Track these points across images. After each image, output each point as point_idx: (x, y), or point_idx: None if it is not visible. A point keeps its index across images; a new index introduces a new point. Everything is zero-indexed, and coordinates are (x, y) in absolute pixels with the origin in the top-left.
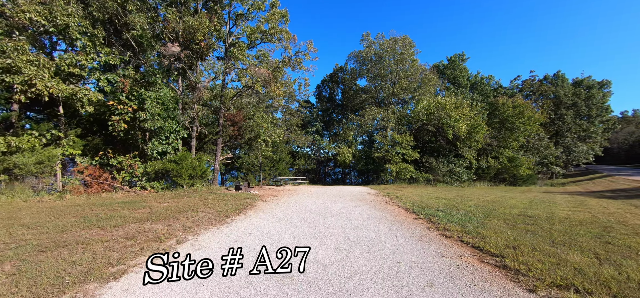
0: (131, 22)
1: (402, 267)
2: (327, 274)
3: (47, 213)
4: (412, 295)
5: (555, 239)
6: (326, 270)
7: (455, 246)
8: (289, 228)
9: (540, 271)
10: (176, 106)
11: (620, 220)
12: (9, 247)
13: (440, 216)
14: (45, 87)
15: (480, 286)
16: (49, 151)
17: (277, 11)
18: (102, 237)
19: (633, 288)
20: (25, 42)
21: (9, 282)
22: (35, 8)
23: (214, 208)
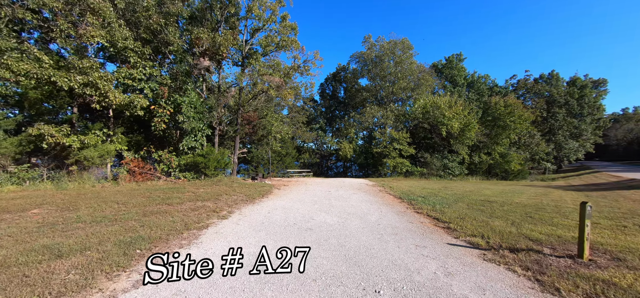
0: (170, 40)
1: (380, 226)
2: (333, 229)
3: (122, 195)
4: (383, 237)
5: (493, 214)
6: (333, 227)
7: (421, 217)
8: (304, 206)
9: (468, 229)
10: (205, 109)
11: (557, 205)
12: (121, 213)
13: (419, 200)
14: (114, 97)
15: (427, 235)
16: (107, 146)
17: (288, 24)
18: (175, 209)
19: (515, 234)
20: (98, 63)
21: (145, 228)
22: (100, 33)
23: (242, 193)
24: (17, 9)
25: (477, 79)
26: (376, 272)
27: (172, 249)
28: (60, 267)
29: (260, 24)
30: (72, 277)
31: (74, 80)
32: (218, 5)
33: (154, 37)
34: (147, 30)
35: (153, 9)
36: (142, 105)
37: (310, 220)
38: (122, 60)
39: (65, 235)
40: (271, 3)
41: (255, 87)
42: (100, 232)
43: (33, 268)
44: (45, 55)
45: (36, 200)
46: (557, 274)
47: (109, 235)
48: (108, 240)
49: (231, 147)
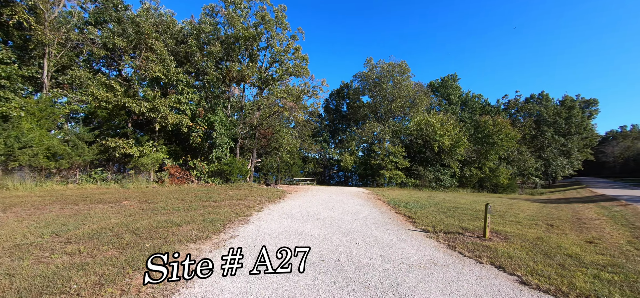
0: (208, 72)
1: (367, 219)
2: (335, 220)
3: (174, 193)
4: (367, 224)
5: (451, 215)
6: (334, 219)
7: (398, 215)
8: (313, 206)
9: (426, 222)
10: (230, 125)
11: (506, 211)
12: (186, 205)
13: (401, 205)
14: (171, 119)
15: (397, 224)
16: (156, 155)
17: (300, 56)
18: (221, 205)
19: (455, 225)
20: (159, 92)
21: (212, 214)
22: (159, 68)
23: (262, 195)
24: (95, 48)
25: (472, 97)
26: (358, 237)
27: (237, 226)
28: (183, 229)
29: (278, 58)
30: (194, 234)
31: (143, 106)
32: (244, 43)
33: (196, 70)
34: (192, 66)
35: (196, 49)
36: (186, 123)
37: (319, 214)
38: (171, 86)
39: (168, 216)
40: (287, 37)
41: (272, 108)
42: (186, 215)
43: (168, 231)
44: (119, 85)
45: (117, 195)
46: (461, 243)
47: (195, 217)
48: (196, 220)
49: (249, 157)
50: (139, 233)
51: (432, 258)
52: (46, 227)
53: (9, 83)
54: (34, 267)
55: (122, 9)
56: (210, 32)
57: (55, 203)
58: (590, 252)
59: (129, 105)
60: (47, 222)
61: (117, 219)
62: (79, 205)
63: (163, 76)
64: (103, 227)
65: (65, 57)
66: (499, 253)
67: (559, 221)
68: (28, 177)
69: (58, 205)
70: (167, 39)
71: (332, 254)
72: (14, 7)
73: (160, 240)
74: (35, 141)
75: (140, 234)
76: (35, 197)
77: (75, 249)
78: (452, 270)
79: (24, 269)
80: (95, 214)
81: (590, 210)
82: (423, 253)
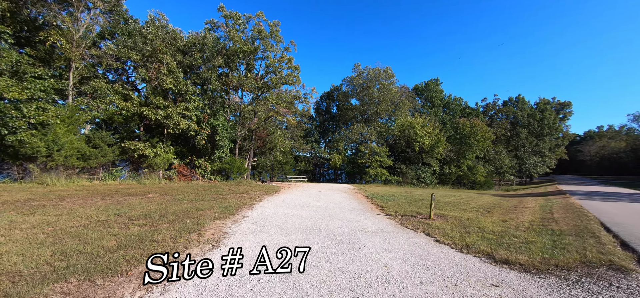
0: (212, 82)
1: (346, 208)
2: (320, 207)
3: (185, 188)
4: (345, 211)
5: (414, 204)
6: (320, 207)
7: (372, 205)
8: (304, 198)
9: (391, 210)
10: (232, 129)
11: (466, 201)
12: (200, 197)
13: (377, 198)
14: (181, 125)
15: (369, 211)
16: (166, 155)
17: (293, 65)
18: (228, 197)
19: (413, 211)
20: (172, 102)
21: (224, 204)
22: (170, 80)
23: (260, 190)
24: (111, 61)
25: (453, 100)
26: (336, 217)
27: (246, 211)
28: (207, 213)
29: (272, 68)
30: (216, 215)
31: (159, 113)
32: (243, 55)
33: (201, 80)
34: (198, 77)
35: (201, 62)
36: (193, 128)
37: (308, 203)
38: (179, 95)
39: (191, 204)
40: (281, 49)
41: (267, 113)
42: (204, 204)
43: (197, 213)
44: (135, 95)
45: (140, 189)
46: (410, 222)
47: (212, 205)
48: (213, 207)
49: (246, 157)
50: (177, 214)
51: (383, 229)
52: (105, 211)
53: (45, 95)
54: (124, 231)
55: (131, 22)
56: (213, 47)
57: (95, 195)
58: (496, 226)
59: (145, 113)
60: (103, 208)
61: (153, 206)
62: (114, 197)
63: (173, 87)
64: (148, 211)
65: (85, 69)
66: (432, 226)
67: (498, 209)
68: (62, 175)
69: (98, 197)
70: (174, 51)
71: (316, 226)
72: (49, 30)
73: (194, 218)
74: (68, 144)
75: (178, 215)
76: (74, 191)
77: (141, 223)
78: (394, 235)
79: (118, 233)
80: (133, 204)
81: (534, 202)
82: (378, 226)
